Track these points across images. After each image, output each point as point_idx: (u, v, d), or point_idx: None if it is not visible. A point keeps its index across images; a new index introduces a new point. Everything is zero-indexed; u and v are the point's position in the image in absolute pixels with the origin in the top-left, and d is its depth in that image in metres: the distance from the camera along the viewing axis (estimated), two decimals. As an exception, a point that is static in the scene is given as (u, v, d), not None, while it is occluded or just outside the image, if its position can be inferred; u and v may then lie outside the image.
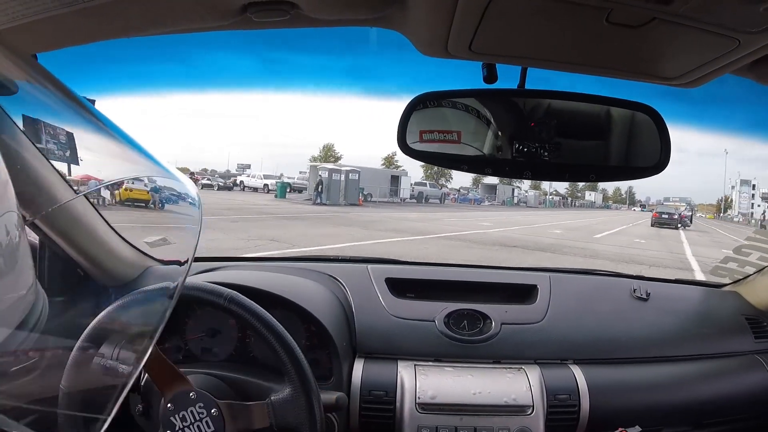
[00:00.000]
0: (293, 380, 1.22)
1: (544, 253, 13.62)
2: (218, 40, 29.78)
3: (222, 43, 27.67)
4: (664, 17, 0.79)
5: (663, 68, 1.00)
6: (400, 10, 0.93)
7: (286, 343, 1.23)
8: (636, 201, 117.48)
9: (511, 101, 1.18)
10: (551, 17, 0.84)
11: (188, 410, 1.23)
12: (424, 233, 16.05)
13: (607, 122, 1.20)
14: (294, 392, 1.23)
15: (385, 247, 12.22)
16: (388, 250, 11.58)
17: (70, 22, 0.92)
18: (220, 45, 39.21)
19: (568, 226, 25.74)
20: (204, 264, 1.98)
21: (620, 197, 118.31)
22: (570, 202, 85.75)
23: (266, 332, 1.24)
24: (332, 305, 1.75)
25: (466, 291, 1.97)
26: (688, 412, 1.77)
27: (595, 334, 1.84)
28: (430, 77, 7.81)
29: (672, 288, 2.24)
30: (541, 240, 16.98)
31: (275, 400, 1.26)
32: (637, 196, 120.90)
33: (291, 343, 1.24)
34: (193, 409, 1.23)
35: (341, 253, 9.69)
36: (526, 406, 1.58)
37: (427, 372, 1.65)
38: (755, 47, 0.85)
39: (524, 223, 25.35)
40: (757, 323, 1.99)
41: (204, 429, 1.23)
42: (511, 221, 26.21)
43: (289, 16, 0.91)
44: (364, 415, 1.60)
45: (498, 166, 1.16)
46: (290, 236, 12.71)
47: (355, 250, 11.42)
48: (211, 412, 1.23)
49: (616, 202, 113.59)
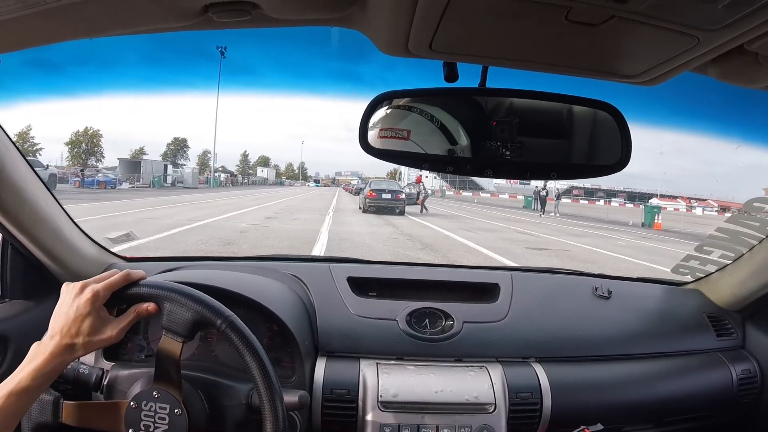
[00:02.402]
0: (256, 382, 1.20)
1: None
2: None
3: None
4: (623, 15, 0.78)
5: (623, 66, 1.00)
6: (361, 10, 0.92)
7: (251, 344, 1.21)
8: (308, 177, 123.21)
9: (473, 100, 1.17)
10: (511, 16, 0.84)
11: (150, 409, 1.21)
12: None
13: (569, 121, 1.21)
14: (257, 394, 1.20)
15: None
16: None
17: (32, 23, 0.90)
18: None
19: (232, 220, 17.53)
20: (166, 264, 1.96)
21: (293, 173, 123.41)
22: (241, 180, 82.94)
23: (229, 331, 1.21)
24: (294, 304, 1.73)
25: (428, 290, 1.98)
26: (650, 410, 1.78)
27: (557, 332, 1.85)
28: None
29: (634, 286, 2.27)
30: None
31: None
32: (309, 171, 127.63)
33: (255, 344, 1.21)
34: (155, 408, 1.21)
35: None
36: (488, 404, 1.59)
37: (389, 371, 1.65)
38: (714, 44, 0.85)
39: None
40: (719, 321, 2.02)
41: (166, 427, 1.21)
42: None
43: (250, 16, 0.90)
44: (327, 414, 1.59)
45: (459, 164, 1.15)
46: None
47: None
48: (174, 411, 1.21)
49: (289, 177, 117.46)
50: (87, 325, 1.15)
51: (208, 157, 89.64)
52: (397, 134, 1.15)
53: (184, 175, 51.26)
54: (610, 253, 14.22)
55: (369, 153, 1.16)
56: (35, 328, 1.44)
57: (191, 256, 2.23)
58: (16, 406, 1.09)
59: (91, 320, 1.16)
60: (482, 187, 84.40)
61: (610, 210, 42.17)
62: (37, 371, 1.11)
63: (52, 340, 1.14)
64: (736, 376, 1.89)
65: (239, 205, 25.85)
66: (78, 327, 1.15)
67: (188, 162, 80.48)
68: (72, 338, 1.14)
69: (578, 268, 3.56)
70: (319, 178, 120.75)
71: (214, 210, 21.32)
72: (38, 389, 1.13)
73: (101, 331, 1.17)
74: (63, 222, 1.70)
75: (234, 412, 1.31)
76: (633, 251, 14.99)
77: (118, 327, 1.20)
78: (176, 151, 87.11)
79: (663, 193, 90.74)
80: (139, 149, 77.76)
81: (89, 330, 1.15)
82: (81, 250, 1.80)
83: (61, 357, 1.14)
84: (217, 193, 41.25)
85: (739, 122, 39.67)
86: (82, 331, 1.15)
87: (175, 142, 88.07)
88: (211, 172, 70.24)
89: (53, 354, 1.13)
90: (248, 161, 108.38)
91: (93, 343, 1.17)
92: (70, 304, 1.17)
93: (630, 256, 13.59)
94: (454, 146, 1.15)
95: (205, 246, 11.15)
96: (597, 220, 31.57)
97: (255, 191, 50.95)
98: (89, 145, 67.17)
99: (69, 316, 1.16)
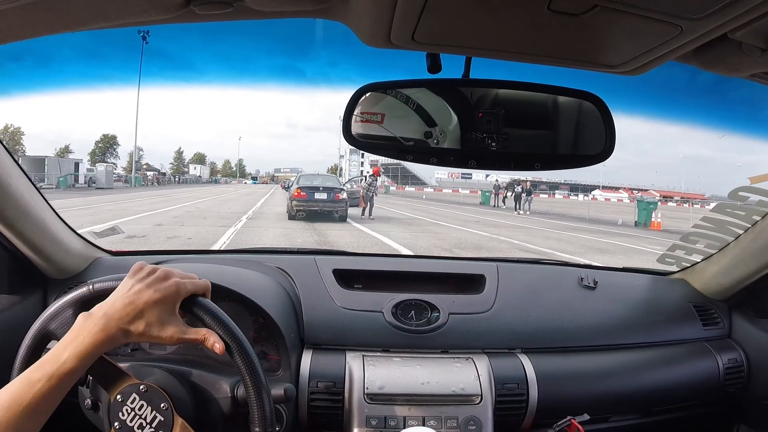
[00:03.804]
0: (243, 375, 1.19)
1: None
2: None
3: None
4: (605, 4, 0.77)
5: (606, 56, 1.00)
6: (343, 1, 0.92)
7: (237, 338, 1.20)
8: (247, 174, 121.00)
9: (457, 91, 1.16)
10: (493, 6, 0.83)
11: (135, 404, 1.19)
12: None
13: (554, 111, 1.21)
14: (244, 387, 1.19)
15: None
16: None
17: (14, 17, 0.88)
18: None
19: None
20: (152, 257, 1.94)
21: (230, 170, 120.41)
22: (170, 178, 78.11)
23: (215, 325, 1.20)
24: (280, 297, 1.73)
25: (414, 281, 1.99)
26: (636, 400, 1.79)
27: (543, 323, 1.85)
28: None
29: (620, 276, 2.28)
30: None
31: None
32: (249, 169, 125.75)
33: (241, 339, 1.20)
34: (141, 403, 1.19)
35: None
36: (474, 395, 1.59)
37: (375, 362, 1.65)
38: (698, 33, 0.85)
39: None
40: (705, 310, 2.04)
41: (152, 422, 1.19)
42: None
43: (232, 8, 0.89)
44: (313, 406, 1.60)
45: (443, 155, 1.15)
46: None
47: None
48: (160, 405, 1.20)
49: (226, 175, 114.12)
50: (155, 314, 1.08)
51: (140, 155, 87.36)
52: (372, 118, 1.15)
53: (97, 174, 45.12)
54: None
55: (352, 144, 1.17)
56: (20, 323, 1.42)
57: (178, 250, 2.22)
58: (59, 389, 0.99)
59: (161, 311, 1.09)
60: (425, 182, 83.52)
61: (588, 206, 37.70)
62: (84, 352, 1.01)
63: (107, 319, 1.05)
64: (723, 366, 1.90)
65: (132, 211, 20.42)
66: (144, 312, 1.07)
67: (118, 160, 77.95)
68: (131, 323, 1.06)
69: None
70: (258, 175, 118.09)
71: (87, 219, 16.32)
72: (82, 370, 1.03)
73: (164, 328, 1.09)
74: (48, 216, 1.68)
75: (220, 406, 1.30)
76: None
77: (182, 334, 1.11)
78: (105, 149, 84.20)
79: (605, 184, 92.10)
80: (64, 147, 75.82)
81: (155, 320, 1.08)
82: (66, 244, 1.78)
83: (112, 341, 1.05)
84: (128, 194, 35.89)
85: (687, 109, 39.69)
86: (147, 318, 1.07)
87: (104, 139, 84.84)
88: (132, 170, 67.07)
89: (106, 336, 1.03)
90: (183, 159, 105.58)
91: (149, 336, 1.07)
92: (145, 287, 1.09)
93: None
94: (432, 128, 1.15)
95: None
96: (576, 218, 27.93)
97: (177, 191, 46.46)
98: (10, 143, 64.48)
99: (139, 298, 1.07)
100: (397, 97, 1.15)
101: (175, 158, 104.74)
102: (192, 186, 66.09)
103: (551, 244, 15.62)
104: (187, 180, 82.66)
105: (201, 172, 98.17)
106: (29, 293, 1.72)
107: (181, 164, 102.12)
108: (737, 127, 46.99)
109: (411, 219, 22.70)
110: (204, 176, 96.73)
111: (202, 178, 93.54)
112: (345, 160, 79.13)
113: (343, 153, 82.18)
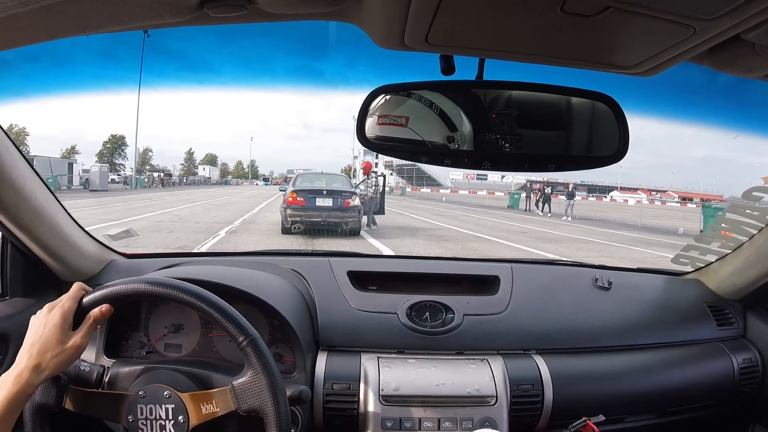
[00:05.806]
0: (252, 363, 1.21)
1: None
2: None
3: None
4: (618, 6, 0.78)
5: (619, 57, 1.00)
6: (357, 3, 0.92)
7: (241, 325, 1.22)
8: (259, 175, 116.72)
9: (471, 93, 1.17)
10: (506, 7, 0.83)
11: (144, 414, 1.24)
12: None
13: (567, 112, 1.21)
14: (254, 374, 1.22)
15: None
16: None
17: (28, 20, 0.89)
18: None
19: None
20: (165, 260, 1.96)
21: (242, 171, 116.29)
22: (178, 180, 76.12)
23: (211, 310, 1.22)
24: (295, 299, 1.74)
25: (429, 283, 1.99)
26: (651, 401, 1.79)
27: (557, 323, 1.85)
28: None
29: (634, 277, 2.27)
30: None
31: (236, 384, 1.24)
32: (261, 170, 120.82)
33: (247, 327, 1.22)
34: (150, 407, 1.24)
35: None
36: (489, 396, 1.59)
37: (390, 364, 1.65)
38: (711, 34, 0.85)
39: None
40: (719, 311, 2.03)
41: (167, 414, 1.23)
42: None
43: (246, 10, 0.89)
44: (328, 408, 1.60)
45: (457, 157, 1.16)
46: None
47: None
48: (163, 394, 1.24)
49: (238, 177, 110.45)
50: (52, 340, 1.18)
51: (150, 156, 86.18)
52: (396, 121, 1.16)
53: (91, 174, 42.72)
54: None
55: (366, 146, 1.18)
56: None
57: (191, 252, 2.24)
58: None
59: (56, 335, 1.18)
60: (440, 183, 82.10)
61: (630, 210, 31.93)
62: (6, 399, 1.12)
63: (17, 366, 1.16)
64: (738, 366, 1.89)
65: (94, 219, 14.40)
66: (43, 344, 1.17)
67: (126, 161, 76.36)
68: (39, 357, 1.16)
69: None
70: (271, 177, 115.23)
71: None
72: (11, 416, 1.13)
73: (65, 342, 1.19)
74: (62, 219, 1.69)
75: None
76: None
77: (80, 333, 1.22)
78: (113, 150, 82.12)
79: (623, 185, 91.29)
80: (70, 148, 74.67)
81: (54, 344, 1.18)
82: (81, 247, 1.80)
83: (28, 380, 1.15)
84: (116, 197, 31.58)
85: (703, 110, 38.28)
86: (48, 347, 1.17)
87: (112, 139, 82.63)
88: (133, 171, 66.02)
89: (19, 379, 1.14)
90: (193, 160, 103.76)
91: (59, 357, 1.18)
92: (40, 326, 1.20)
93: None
94: (454, 133, 1.16)
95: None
96: (626, 225, 23.21)
97: (177, 193, 42.28)
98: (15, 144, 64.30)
99: (37, 335, 1.19)
100: (420, 101, 1.16)
101: (185, 159, 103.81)
102: (198, 187, 64.54)
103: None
104: (195, 181, 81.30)
105: (210, 173, 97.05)
106: (44, 296, 1.72)
107: (191, 165, 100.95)
108: (754, 127, 46.02)
109: (441, 229, 17.59)
110: (213, 177, 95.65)
111: (212, 179, 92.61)
112: (359, 160, 78.58)
113: (357, 154, 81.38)
